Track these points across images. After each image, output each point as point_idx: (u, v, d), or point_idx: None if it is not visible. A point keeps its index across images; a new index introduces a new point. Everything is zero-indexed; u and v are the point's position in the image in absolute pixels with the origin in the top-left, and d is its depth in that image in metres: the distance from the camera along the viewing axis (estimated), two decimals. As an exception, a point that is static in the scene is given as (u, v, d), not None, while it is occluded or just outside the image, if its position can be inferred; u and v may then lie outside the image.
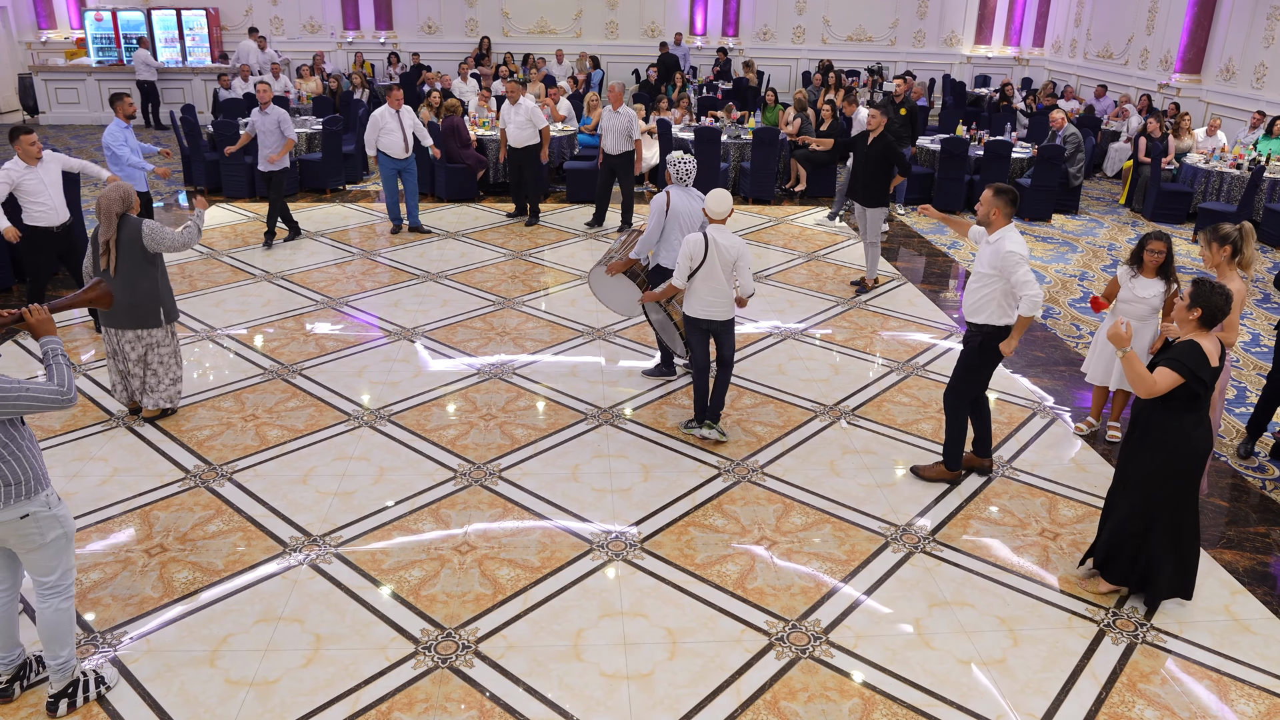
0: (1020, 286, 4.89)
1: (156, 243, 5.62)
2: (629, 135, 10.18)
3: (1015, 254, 4.91)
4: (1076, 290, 9.08)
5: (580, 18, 20.35)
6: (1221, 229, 4.98)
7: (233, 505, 5.12)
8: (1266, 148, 11.88)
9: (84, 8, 18.38)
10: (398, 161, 9.97)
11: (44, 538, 3.52)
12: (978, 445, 5.58)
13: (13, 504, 3.42)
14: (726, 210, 5.56)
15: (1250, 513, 5.36)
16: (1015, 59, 20.68)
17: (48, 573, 3.58)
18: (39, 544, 3.52)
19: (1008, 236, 5.01)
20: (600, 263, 6.49)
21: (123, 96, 8.33)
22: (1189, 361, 4.03)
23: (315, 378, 6.67)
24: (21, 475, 3.42)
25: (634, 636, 4.19)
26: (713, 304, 5.62)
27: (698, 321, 5.72)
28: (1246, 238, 4.92)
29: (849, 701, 3.86)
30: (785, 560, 4.77)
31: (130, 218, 5.60)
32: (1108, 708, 3.86)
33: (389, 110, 9.82)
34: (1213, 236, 5.00)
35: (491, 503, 5.21)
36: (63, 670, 3.67)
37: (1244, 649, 4.23)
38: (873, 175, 8.43)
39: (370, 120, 9.89)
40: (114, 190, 5.55)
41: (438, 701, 3.80)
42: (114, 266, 5.56)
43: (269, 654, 4.04)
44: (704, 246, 5.48)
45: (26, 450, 3.45)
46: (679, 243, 6.30)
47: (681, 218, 6.31)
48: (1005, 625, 4.33)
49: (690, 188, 6.42)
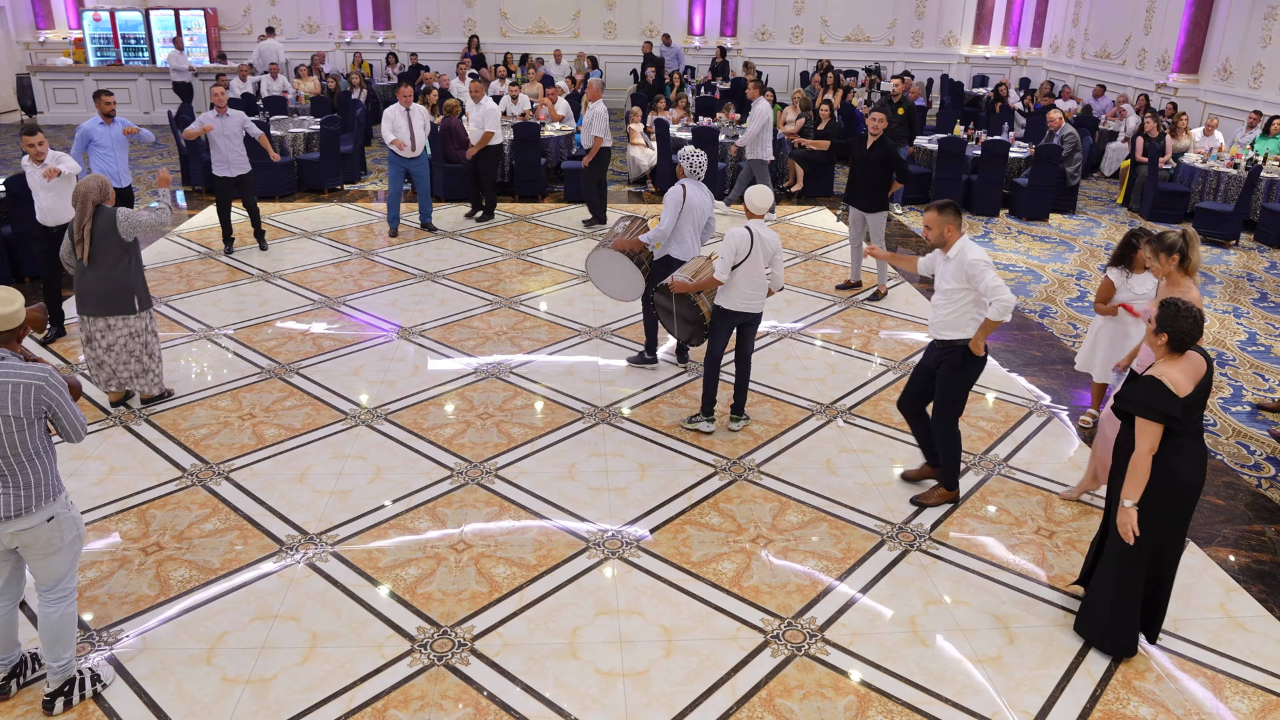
0: (990, 292, 4.72)
1: (131, 228, 5.65)
2: (588, 129, 10.28)
3: (980, 261, 4.79)
4: (1074, 290, 9.09)
5: (578, 17, 20.36)
6: (1167, 238, 4.88)
7: (229, 504, 5.12)
8: (1264, 147, 11.89)
9: (82, 8, 18.37)
10: (406, 160, 9.94)
11: (64, 540, 3.53)
12: (929, 454, 5.43)
13: (42, 506, 3.44)
14: (768, 205, 5.71)
15: (1246, 511, 5.37)
16: (1013, 59, 20.70)
17: (59, 577, 3.56)
18: (59, 547, 3.52)
19: (967, 247, 4.87)
20: (602, 244, 6.52)
21: (101, 94, 8.22)
22: (1153, 404, 3.73)
23: (312, 377, 6.67)
24: (43, 476, 3.44)
25: (630, 634, 4.20)
26: (752, 297, 5.74)
27: (732, 315, 5.79)
28: (1191, 243, 4.85)
29: (844, 699, 3.87)
30: (781, 558, 4.78)
31: (105, 208, 5.62)
32: (1103, 705, 3.87)
33: (399, 108, 9.80)
34: (1159, 246, 4.89)
35: (488, 501, 5.21)
36: (64, 670, 3.67)
37: (1239, 647, 4.24)
38: (872, 180, 8.25)
39: (384, 118, 9.86)
40: (92, 180, 5.60)
41: (434, 699, 3.81)
42: (87, 256, 5.61)
43: (265, 652, 4.04)
44: (750, 240, 5.58)
45: (47, 452, 3.48)
46: (689, 235, 6.40)
47: (695, 211, 6.38)
48: (1001, 623, 4.34)
49: (700, 182, 6.48)
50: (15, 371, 3.34)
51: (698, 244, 6.52)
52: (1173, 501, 3.91)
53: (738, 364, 6.04)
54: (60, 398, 3.45)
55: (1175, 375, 3.77)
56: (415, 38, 20.07)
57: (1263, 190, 11.05)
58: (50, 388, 3.40)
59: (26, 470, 3.39)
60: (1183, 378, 3.78)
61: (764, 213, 5.72)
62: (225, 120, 9.05)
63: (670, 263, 6.47)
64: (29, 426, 3.37)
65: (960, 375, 5.02)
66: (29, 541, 3.45)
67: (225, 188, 9.25)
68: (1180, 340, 3.79)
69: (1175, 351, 3.83)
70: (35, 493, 3.42)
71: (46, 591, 3.57)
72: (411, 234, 10.23)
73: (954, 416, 5.14)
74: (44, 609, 3.58)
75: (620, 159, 14.08)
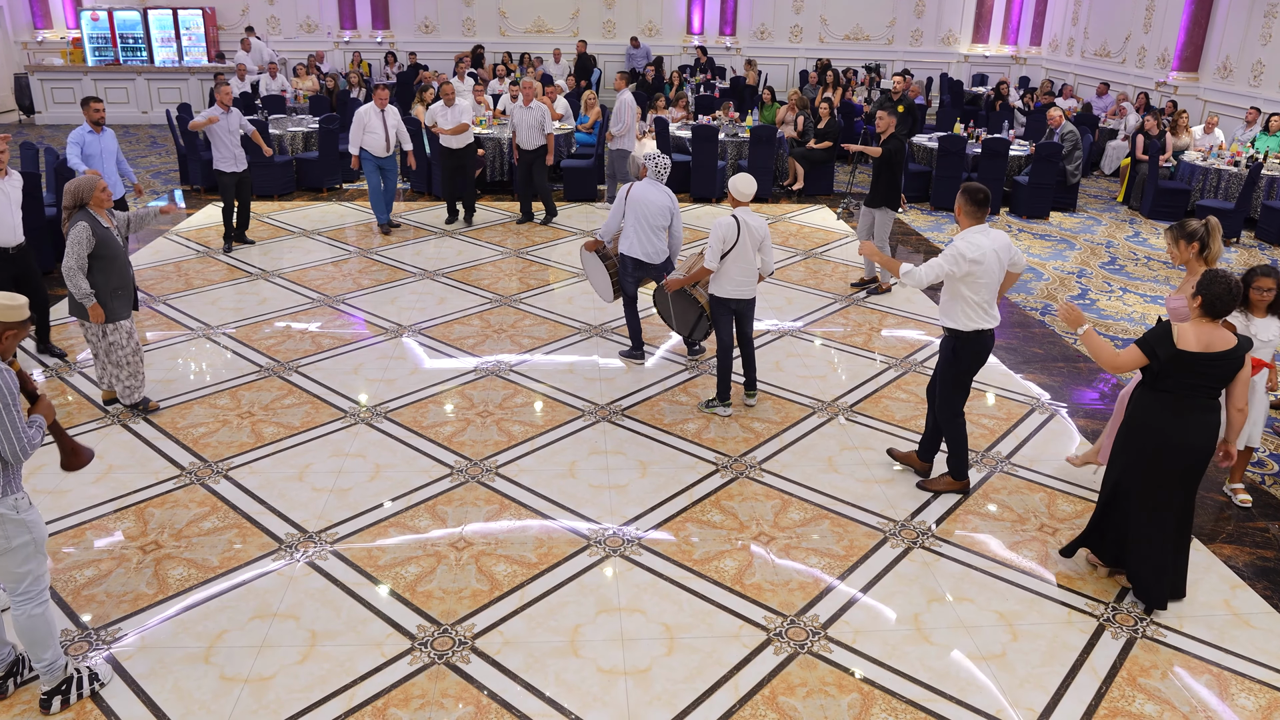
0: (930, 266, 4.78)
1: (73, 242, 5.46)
2: (541, 129, 10.28)
3: (954, 247, 4.77)
4: (1075, 287, 9.07)
5: (577, 17, 20.34)
6: (1188, 225, 4.88)
7: (228, 502, 5.10)
8: (1264, 145, 11.87)
9: (80, 7, 18.34)
10: (380, 159, 9.87)
11: (9, 543, 3.42)
12: (923, 447, 5.47)
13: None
14: (753, 191, 5.86)
15: (1250, 508, 5.35)
16: (1012, 57, 20.69)
17: (15, 580, 3.48)
18: (4, 549, 3.42)
19: (964, 235, 4.86)
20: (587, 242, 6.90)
21: (90, 101, 7.94)
22: (1150, 336, 4.03)
23: (312, 375, 6.64)
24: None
25: (631, 632, 4.17)
26: (743, 284, 5.89)
27: (727, 302, 5.96)
28: (1213, 232, 4.85)
29: (848, 697, 3.84)
30: (783, 556, 4.75)
31: (77, 214, 5.50)
32: (1108, 702, 3.85)
33: (373, 108, 9.71)
34: (1180, 234, 4.89)
35: (488, 499, 5.18)
36: (50, 670, 3.63)
37: (1243, 643, 4.21)
38: (876, 175, 8.37)
39: (355, 117, 9.80)
40: (72, 183, 5.51)
41: (434, 698, 3.78)
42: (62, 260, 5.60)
43: (264, 650, 4.01)
44: (736, 228, 5.70)
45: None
46: (634, 232, 6.56)
47: (638, 207, 6.51)
48: (1004, 620, 4.32)
49: (659, 183, 6.60)
50: None
51: (645, 243, 6.54)
52: (1132, 437, 4.22)
53: (741, 346, 6.23)
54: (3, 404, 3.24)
55: (1187, 329, 3.94)
56: (414, 37, 20.05)
57: (1263, 188, 11.03)
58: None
59: None
60: (1193, 335, 3.93)
61: (748, 199, 5.85)
62: (229, 117, 9.11)
63: (625, 261, 6.68)
64: None
65: (952, 365, 5.05)
66: None
67: (228, 184, 9.28)
68: (1212, 304, 3.90)
69: (1207, 315, 3.94)
70: None
71: (9, 594, 3.53)
72: (411, 231, 10.21)
73: (952, 406, 5.16)
74: (11, 610, 3.55)
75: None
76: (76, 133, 7.93)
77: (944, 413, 5.20)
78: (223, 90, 9.21)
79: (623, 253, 6.65)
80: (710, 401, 6.23)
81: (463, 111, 10.15)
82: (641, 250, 6.55)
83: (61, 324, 7.46)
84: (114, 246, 5.63)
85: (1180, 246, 4.90)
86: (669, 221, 6.59)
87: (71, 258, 5.45)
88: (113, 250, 5.62)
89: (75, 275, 5.48)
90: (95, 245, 5.51)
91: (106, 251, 5.57)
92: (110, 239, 5.60)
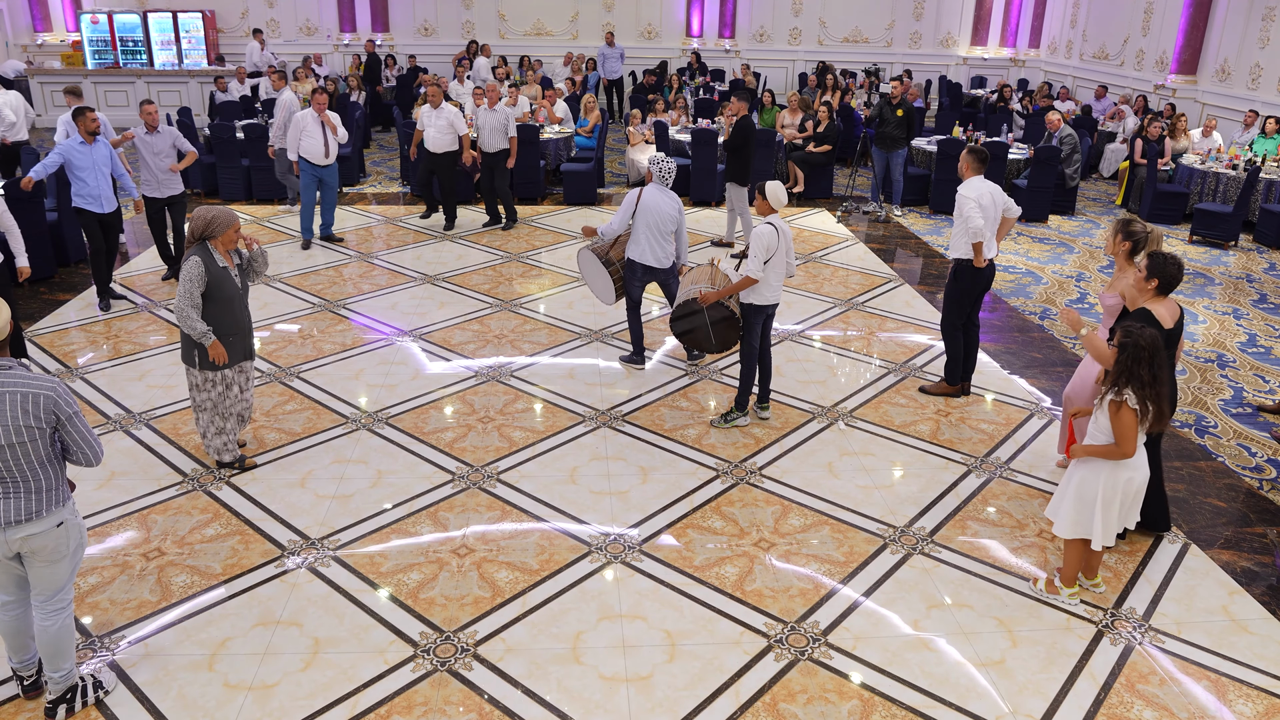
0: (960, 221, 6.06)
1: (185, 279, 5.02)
2: (505, 132, 10.22)
3: (961, 194, 6.05)
4: (1073, 291, 9.10)
5: (576, 19, 20.35)
6: (1133, 225, 5.13)
7: (230, 509, 5.11)
8: (1262, 148, 11.90)
9: (80, 10, 18.34)
10: (318, 169, 9.46)
11: (69, 547, 3.50)
12: (949, 372, 6.52)
13: (52, 511, 3.41)
14: (786, 199, 5.97)
15: (1248, 513, 5.37)
16: (1011, 60, 20.71)
17: (59, 586, 3.51)
18: (65, 554, 3.49)
19: (967, 184, 6.08)
20: (587, 245, 6.87)
21: (85, 111, 7.53)
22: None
23: (313, 380, 6.66)
24: (54, 481, 3.42)
25: (633, 639, 4.19)
26: (778, 288, 6.00)
27: (765, 309, 6.00)
28: (1151, 243, 5.05)
29: (848, 703, 3.86)
30: (784, 562, 4.77)
31: (195, 246, 5.07)
32: (1106, 708, 3.87)
33: (311, 114, 9.30)
34: (1121, 229, 5.14)
35: (490, 505, 5.20)
36: (64, 680, 3.66)
37: (1242, 649, 4.24)
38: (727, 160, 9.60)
39: (292, 122, 9.41)
40: (208, 211, 5.07)
41: (436, 705, 3.80)
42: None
43: (267, 658, 4.03)
44: (777, 236, 5.78)
45: (58, 457, 3.46)
46: (645, 239, 6.53)
47: (649, 214, 6.49)
48: (1004, 626, 4.34)
49: (667, 189, 6.58)
50: (22, 380, 3.29)
51: (656, 248, 6.55)
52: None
53: (760, 358, 6.19)
54: (72, 411, 3.38)
55: (1161, 311, 4.53)
56: (413, 40, 20.06)
57: (1261, 191, 11.06)
58: (62, 400, 3.34)
59: (38, 474, 3.36)
60: (1167, 314, 4.54)
61: (782, 206, 5.91)
62: (155, 138, 8.18)
63: (634, 266, 6.62)
64: (40, 436, 3.31)
65: (954, 286, 6.32)
66: (37, 547, 3.41)
67: (156, 210, 8.39)
68: (1168, 284, 4.51)
69: (1162, 294, 4.55)
70: (45, 498, 3.38)
71: (45, 602, 3.51)
72: (411, 236, 10.22)
73: (950, 320, 6.38)
74: (42, 622, 3.52)
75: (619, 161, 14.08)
76: (66, 144, 7.52)
77: (943, 326, 6.43)
78: (145, 110, 8.18)
79: (633, 259, 6.61)
80: (729, 414, 6.13)
81: (455, 117, 10.13)
82: (653, 256, 6.55)
83: (63, 329, 7.47)
84: (229, 288, 5.13)
85: (1117, 240, 5.16)
86: (677, 227, 6.63)
87: (184, 296, 4.98)
88: (227, 292, 5.12)
89: (188, 314, 5.00)
90: (207, 285, 5.03)
91: (220, 294, 5.08)
92: (227, 280, 5.11)
